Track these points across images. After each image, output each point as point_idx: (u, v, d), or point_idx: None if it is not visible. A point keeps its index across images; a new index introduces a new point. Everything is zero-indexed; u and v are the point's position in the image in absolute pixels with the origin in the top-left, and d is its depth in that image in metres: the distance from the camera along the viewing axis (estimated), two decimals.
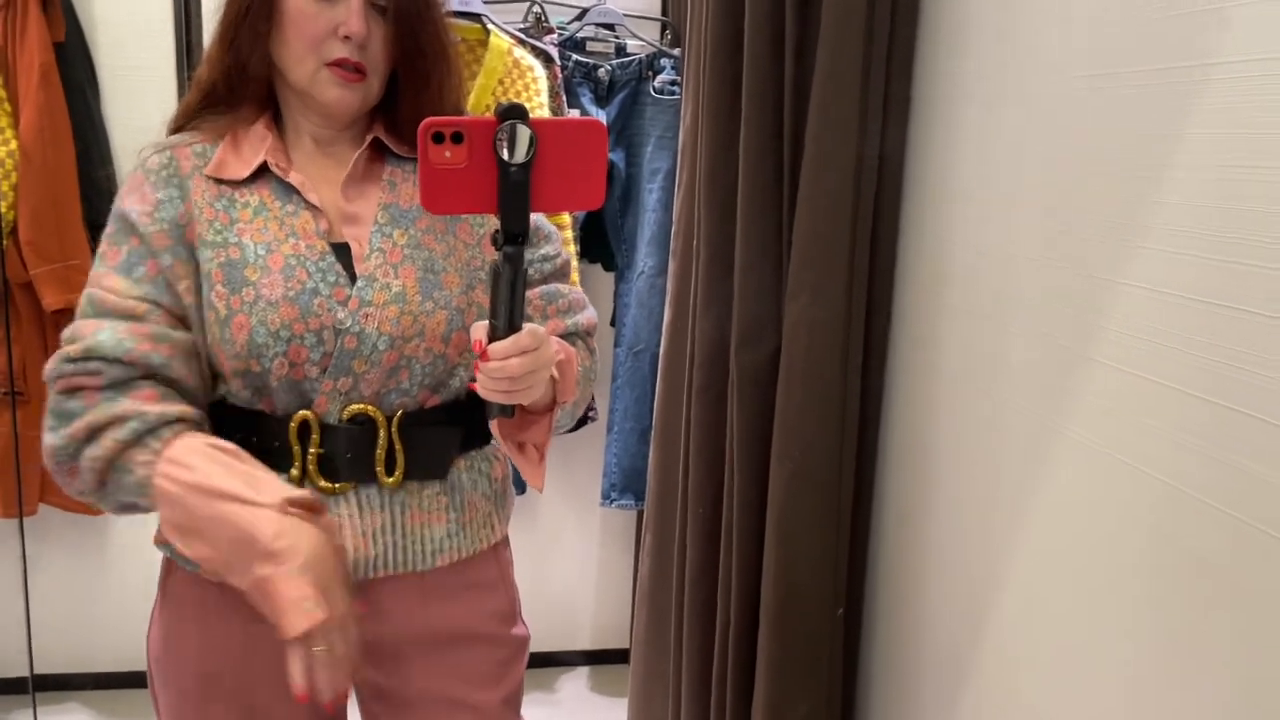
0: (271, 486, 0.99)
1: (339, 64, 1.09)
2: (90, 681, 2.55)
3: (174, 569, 1.16)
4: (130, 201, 1.10)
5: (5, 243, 2.13)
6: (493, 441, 1.24)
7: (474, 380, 1.01)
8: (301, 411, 1.10)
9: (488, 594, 1.23)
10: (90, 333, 1.05)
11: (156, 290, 1.07)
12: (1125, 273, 1.01)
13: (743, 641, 1.60)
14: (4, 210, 2.12)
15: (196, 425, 1.07)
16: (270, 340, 1.07)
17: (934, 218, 1.37)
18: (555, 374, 1.10)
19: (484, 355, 0.97)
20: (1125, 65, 1.01)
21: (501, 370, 0.97)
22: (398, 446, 1.12)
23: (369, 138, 1.17)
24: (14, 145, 2.12)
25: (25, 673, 2.49)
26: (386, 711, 1.21)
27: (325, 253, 1.11)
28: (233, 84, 1.14)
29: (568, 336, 1.23)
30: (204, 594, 1.12)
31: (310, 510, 1.00)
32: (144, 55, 2.27)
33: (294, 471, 1.10)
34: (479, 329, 1.00)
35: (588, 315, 1.27)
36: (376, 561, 1.13)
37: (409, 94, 1.15)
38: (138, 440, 1.02)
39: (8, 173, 2.11)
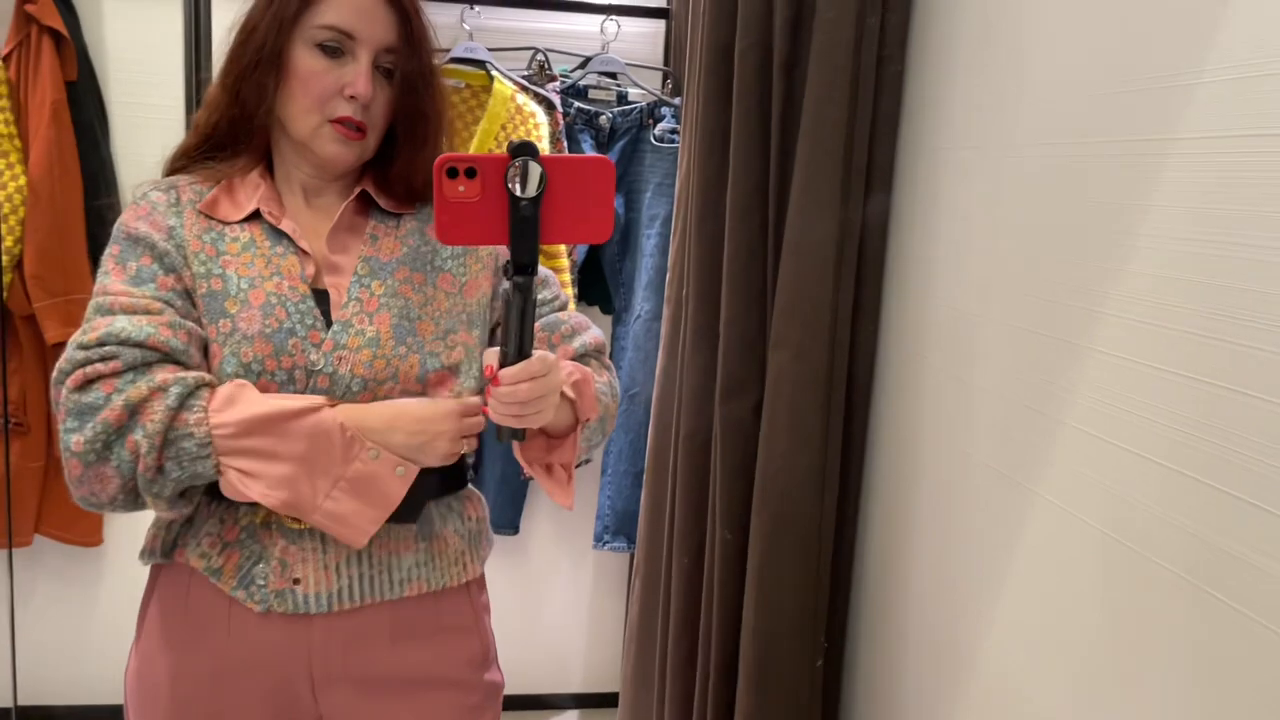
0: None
1: (342, 121, 1.12)
2: (76, 714, 2.55)
3: (153, 599, 1.17)
4: (142, 226, 1.11)
5: (10, 276, 2.16)
6: (469, 485, 1.26)
7: (486, 404, 1.04)
8: None
9: (460, 638, 1.23)
10: (103, 326, 1.03)
11: (169, 295, 1.08)
12: (1092, 338, 1.02)
13: (722, 693, 1.59)
14: (10, 245, 2.16)
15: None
16: (240, 371, 1.08)
17: (916, 279, 1.38)
18: (572, 394, 1.13)
19: (495, 380, 1.01)
20: (1088, 137, 1.03)
21: (512, 395, 1.00)
22: None
23: (356, 189, 1.19)
24: (23, 181, 2.16)
25: (9, 704, 2.50)
26: None
27: (306, 295, 1.13)
28: (234, 132, 1.17)
29: (580, 359, 1.25)
30: (177, 624, 1.14)
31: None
32: (154, 94, 2.32)
33: (263, 510, 1.11)
34: (491, 355, 1.03)
35: (593, 334, 1.29)
36: (343, 594, 1.13)
37: (405, 153, 1.18)
38: (183, 404, 1.02)
39: (15, 208, 2.15)
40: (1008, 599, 1.16)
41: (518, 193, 0.97)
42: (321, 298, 1.15)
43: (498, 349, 1.02)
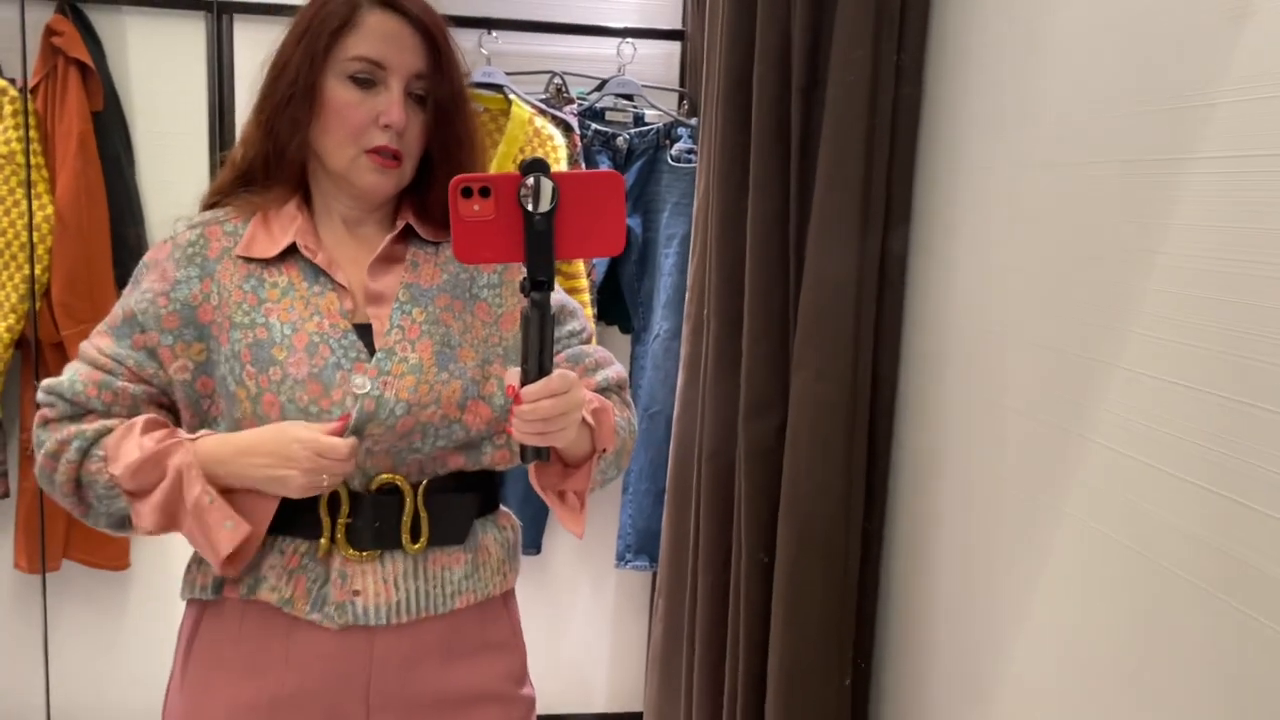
0: (172, 435, 1.12)
1: (378, 151, 1.14)
2: None
3: (198, 635, 1.18)
4: (151, 279, 1.16)
5: (39, 304, 2.20)
6: (501, 506, 1.27)
7: (509, 423, 1.05)
8: None
9: (503, 654, 1.26)
10: (67, 373, 1.16)
11: (135, 356, 1.15)
12: (1115, 356, 1.03)
13: (750, 712, 1.60)
14: (39, 273, 2.19)
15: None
16: (300, 416, 1.11)
17: (937, 299, 1.39)
18: (591, 422, 1.14)
19: (517, 399, 1.02)
20: (1106, 157, 1.04)
21: (534, 412, 1.01)
22: (423, 515, 1.16)
23: (400, 224, 1.21)
24: (50, 210, 2.19)
25: None
26: None
27: (347, 331, 1.15)
28: (270, 167, 1.18)
29: (601, 392, 1.26)
30: (230, 658, 1.16)
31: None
32: (179, 123, 2.35)
33: (323, 541, 1.14)
34: (512, 374, 1.04)
35: (616, 370, 1.30)
36: (401, 606, 1.15)
37: (442, 178, 1.18)
38: (85, 456, 1.13)
39: (43, 237, 2.18)
40: (1035, 616, 1.17)
41: (531, 209, 0.99)
42: (364, 331, 1.16)
43: (519, 368, 1.03)
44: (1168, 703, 0.95)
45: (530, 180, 0.99)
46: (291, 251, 1.17)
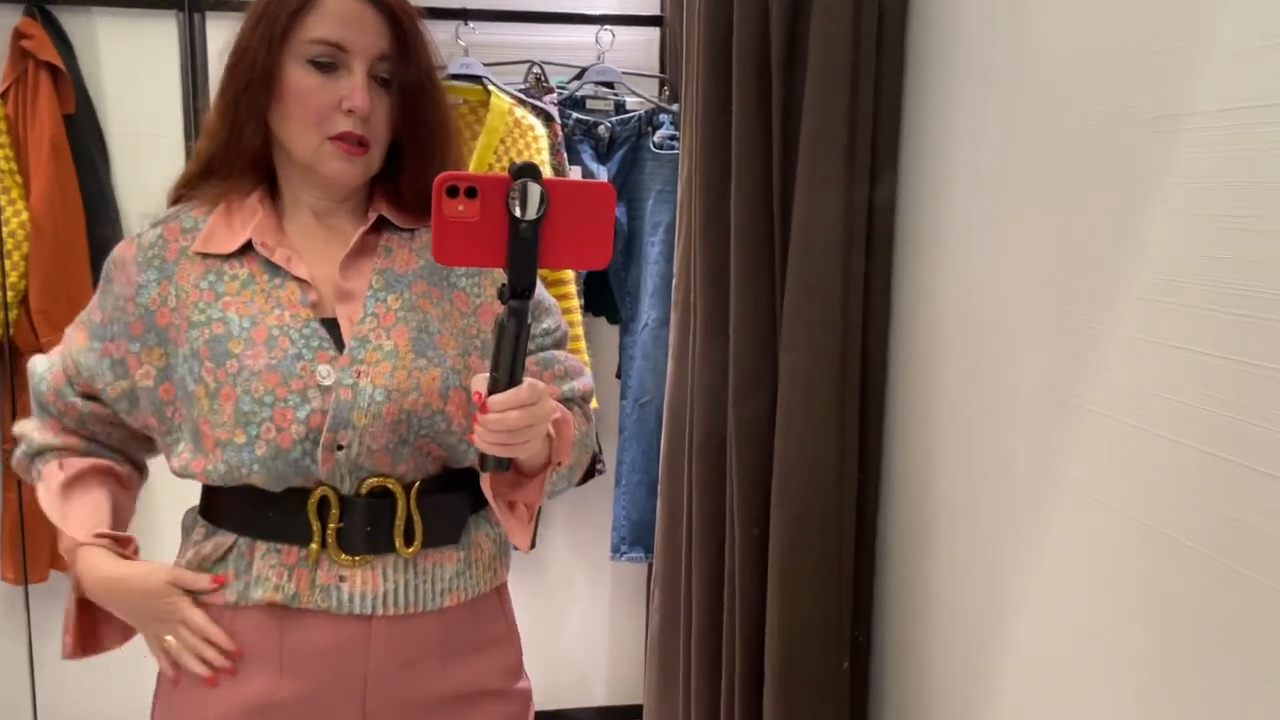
0: (83, 524, 1.15)
1: (342, 138, 1.10)
2: None
3: None
4: (120, 281, 1.15)
5: (16, 313, 2.16)
6: None
7: (472, 432, 1.02)
8: (320, 488, 1.10)
9: (499, 650, 1.24)
10: (50, 355, 1.21)
11: (97, 366, 1.16)
12: (1113, 320, 1.01)
13: (749, 700, 1.58)
14: (15, 280, 2.16)
15: (82, 453, 1.21)
16: (256, 407, 1.08)
17: (928, 265, 1.37)
18: (552, 433, 1.10)
19: (483, 407, 0.98)
20: (1100, 108, 1.02)
21: (500, 422, 0.98)
22: (415, 518, 1.13)
23: (373, 216, 1.17)
24: (25, 216, 2.16)
25: None
26: None
27: (309, 320, 1.12)
28: (231, 156, 1.15)
29: (564, 402, 1.23)
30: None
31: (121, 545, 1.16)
32: (152, 123, 2.32)
33: (314, 546, 1.11)
34: (479, 381, 1.01)
35: (584, 381, 1.27)
36: (389, 598, 1.13)
37: (412, 166, 1.16)
38: (28, 459, 1.21)
39: (19, 243, 2.15)
40: (1036, 587, 1.15)
41: (518, 214, 0.96)
42: (331, 326, 1.13)
43: (486, 375, 1.00)
44: (1173, 669, 0.94)
45: (519, 184, 0.95)
46: (250, 247, 1.14)
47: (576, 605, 2.72)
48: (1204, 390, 0.89)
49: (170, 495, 1.29)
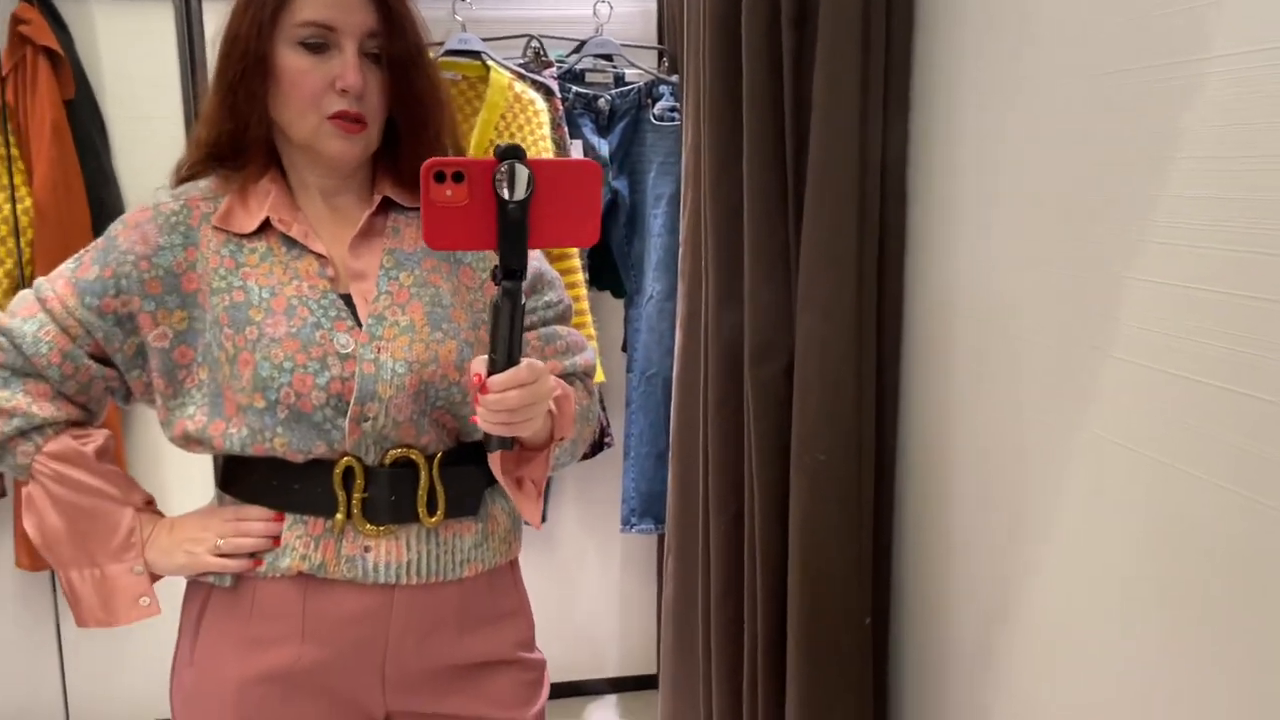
0: (131, 494, 1.17)
1: (339, 116, 1.11)
2: None
3: (208, 609, 1.17)
4: (129, 238, 1.13)
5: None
6: None
7: (474, 413, 1.04)
8: (345, 459, 1.12)
9: (513, 622, 1.27)
10: (24, 316, 1.12)
11: (102, 323, 1.12)
12: (1134, 267, 1.02)
13: (772, 657, 1.60)
14: (10, 268, 2.15)
15: (77, 425, 1.17)
16: (275, 372, 1.09)
17: (941, 221, 1.38)
18: (553, 409, 1.13)
19: (483, 388, 1.00)
20: (1119, 61, 1.03)
21: (500, 403, 1.00)
22: (438, 487, 1.16)
23: (377, 198, 1.18)
24: (28, 202, 2.15)
25: None
26: None
27: (327, 291, 1.13)
28: (235, 144, 1.15)
29: (566, 377, 1.25)
30: (241, 636, 1.15)
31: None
32: (152, 106, 2.31)
33: (339, 516, 1.13)
34: (478, 363, 1.03)
35: (585, 357, 1.29)
36: (412, 566, 1.15)
37: (409, 141, 1.17)
38: (20, 434, 1.12)
39: (22, 229, 2.14)
40: (1056, 537, 1.17)
41: (506, 196, 0.97)
42: (345, 301, 1.15)
43: (485, 356, 1.02)
44: (1195, 601, 0.95)
45: (505, 167, 0.96)
46: (269, 225, 1.15)
47: (588, 578, 2.74)
48: (1219, 328, 0.91)
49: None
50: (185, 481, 2.40)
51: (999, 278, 1.26)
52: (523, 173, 0.97)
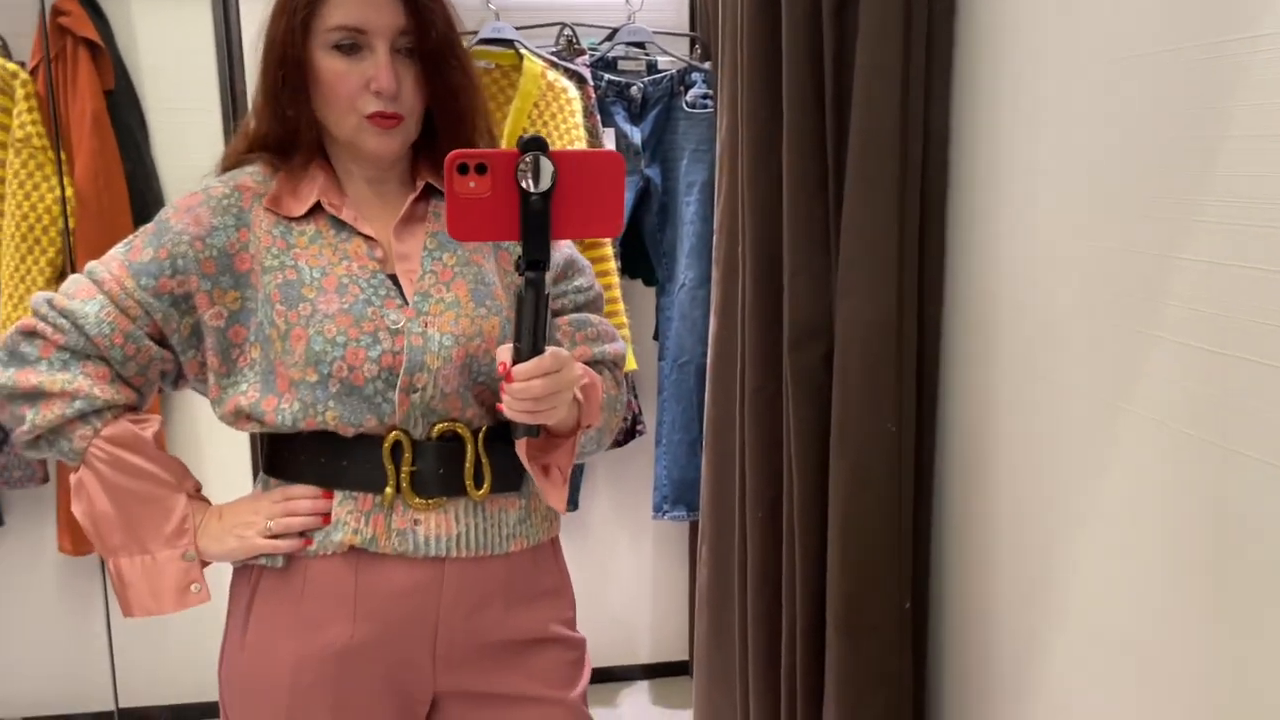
0: (188, 476, 1.20)
1: (376, 115, 1.14)
2: (170, 714, 2.61)
3: (259, 591, 1.19)
4: (182, 220, 1.15)
5: (55, 288, 2.19)
6: None
7: (500, 401, 1.06)
8: (394, 433, 1.15)
9: (556, 601, 1.29)
10: (83, 297, 1.13)
11: (160, 304, 1.14)
12: (1181, 246, 1.02)
13: (810, 643, 1.60)
14: (54, 255, 2.18)
15: (132, 409, 1.18)
16: (328, 347, 1.12)
17: (982, 203, 1.38)
18: (580, 397, 1.15)
19: (508, 376, 1.02)
20: (1165, 39, 1.03)
21: (525, 391, 1.02)
22: (484, 461, 1.18)
23: (419, 184, 1.22)
24: (66, 192, 2.18)
25: (111, 707, 2.56)
26: (472, 712, 1.24)
27: (376, 271, 1.17)
28: (284, 141, 1.19)
29: (595, 365, 1.27)
30: (294, 614, 1.17)
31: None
32: (189, 96, 2.34)
33: (388, 490, 1.16)
34: (504, 351, 1.05)
35: (615, 346, 1.31)
36: (461, 539, 1.18)
37: (445, 132, 1.20)
38: (80, 418, 1.13)
39: (55, 218, 2.17)
40: (1099, 521, 1.16)
41: (528, 187, 0.98)
42: (392, 280, 1.18)
43: (510, 345, 1.03)
44: (1242, 589, 0.95)
45: (528, 158, 0.98)
46: (317, 209, 1.19)
47: (620, 564, 2.76)
48: (1269, 306, 0.90)
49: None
50: (221, 470, 2.44)
51: (1042, 260, 1.25)
52: (545, 164, 0.98)
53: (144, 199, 2.26)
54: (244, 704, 1.20)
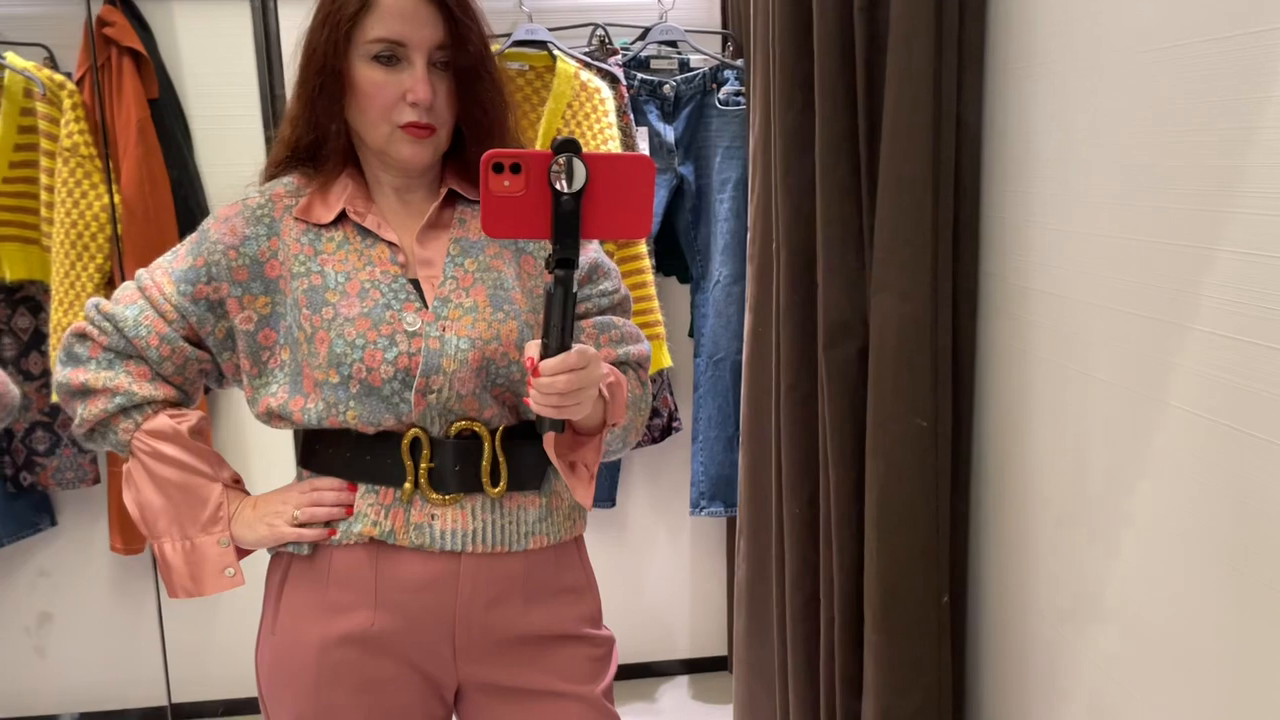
0: (224, 467, 1.26)
1: (410, 125, 1.18)
2: (222, 708, 2.67)
3: (289, 579, 1.25)
4: (219, 230, 1.23)
5: (104, 294, 2.24)
6: None
7: (528, 395, 1.09)
8: (413, 430, 1.19)
9: (579, 598, 1.32)
10: (126, 302, 1.22)
11: (195, 308, 1.21)
12: (1219, 237, 1.01)
13: (849, 636, 1.61)
14: (103, 261, 2.23)
15: (174, 405, 1.25)
16: (348, 349, 1.17)
17: (1015, 200, 1.38)
18: (605, 395, 1.18)
19: (535, 371, 1.06)
20: (1203, 29, 1.02)
21: (551, 386, 1.05)
22: (501, 459, 1.22)
23: (443, 191, 1.26)
24: (111, 200, 2.23)
25: (164, 702, 2.62)
26: (494, 704, 1.27)
27: (398, 276, 1.21)
28: (316, 147, 1.24)
29: (619, 365, 1.30)
30: (320, 603, 1.22)
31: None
32: (231, 105, 2.38)
33: (407, 485, 1.20)
34: (532, 347, 1.08)
35: (640, 348, 1.34)
36: (478, 535, 1.21)
37: (474, 144, 1.24)
38: (122, 412, 1.22)
39: (102, 225, 2.22)
40: (1137, 515, 1.16)
41: (560, 188, 1.01)
42: (414, 285, 1.22)
43: (539, 341, 1.07)
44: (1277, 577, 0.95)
45: (562, 159, 1.01)
46: (344, 216, 1.24)
47: (658, 560, 2.77)
48: None
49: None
50: (267, 465, 2.49)
51: (1076, 253, 1.25)
52: (578, 166, 1.01)
53: (188, 205, 2.31)
54: (275, 686, 1.25)
